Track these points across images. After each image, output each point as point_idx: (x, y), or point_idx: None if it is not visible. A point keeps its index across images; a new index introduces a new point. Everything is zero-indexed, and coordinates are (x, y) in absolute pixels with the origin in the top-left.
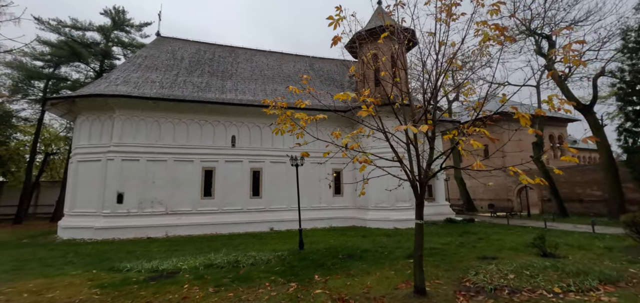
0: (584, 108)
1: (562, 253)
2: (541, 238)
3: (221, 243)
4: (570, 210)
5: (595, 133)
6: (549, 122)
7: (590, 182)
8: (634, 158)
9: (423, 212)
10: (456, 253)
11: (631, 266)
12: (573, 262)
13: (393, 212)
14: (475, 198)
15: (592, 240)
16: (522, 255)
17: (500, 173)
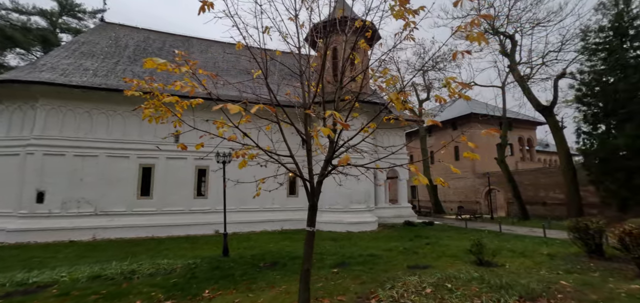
0: (545, 109)
1: (501, 261)
2: (478, 246)
3: (146, 248)
4: (533, 212)
5: (555, 135)
6: (519, 124)
7: (553, 184)
8: (591, 161)
9: (315, 217)
10: (390, 261)
11: (566, 276)
12: (505, 273)
13: (347, 215)
14: (445, 200)
15: (539, 246)
16: (458, 263)
17: (469, 174)
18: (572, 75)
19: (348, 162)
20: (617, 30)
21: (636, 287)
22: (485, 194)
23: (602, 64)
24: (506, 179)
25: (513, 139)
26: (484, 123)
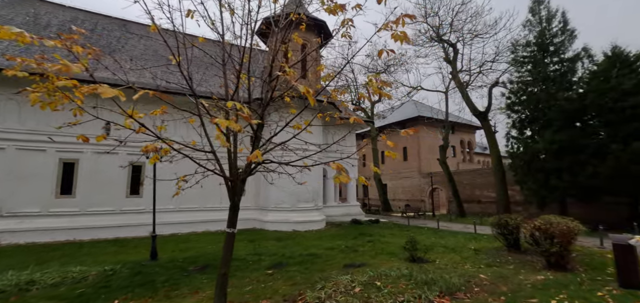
0: (480, 114)
1: (433, 257)
2: (412, 243)
3: (62, 254)
4: (470, 210)
5: (489, 138)
6: (461, 128)
7: (487, 184)
8: (516, 162)
9: (236, 218)
10: (329, 260)
11: (485, 270)
12: (433, 269)
13: (293, 213)
14: (394, 198)
15: (469, 241)
16: (393, 261)
17: (416, 174)
18: (503, 84)
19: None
20: (540, 46)
21: (541, 278)
22: (429, 193)
23: (528, 75)
24: (447, 179)
25: (456, 142)
26: (429, 126)
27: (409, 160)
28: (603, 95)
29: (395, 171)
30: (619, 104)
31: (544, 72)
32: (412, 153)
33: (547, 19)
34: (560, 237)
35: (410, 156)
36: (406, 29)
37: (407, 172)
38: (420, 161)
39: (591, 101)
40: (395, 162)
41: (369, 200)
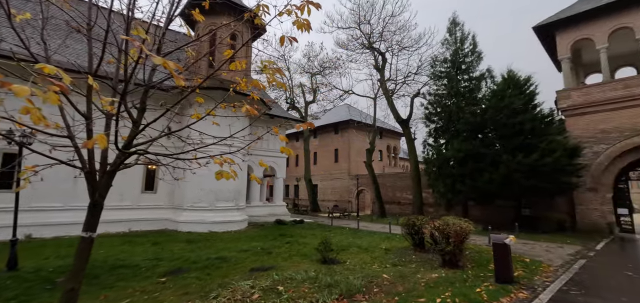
0: (403, 121)
1: (345, 257)
2: (325, 244)
3: None
4: (391, 211)
5: (409, 145)
6: (388, 133)
7: (406, 187)
8: (430, 168)
9: (97, 220)
10: (238, 264)
11: (389, 270)
12: (341, 270)
13: (211, 213)
14: (324, 199)
15: (382, 241)
16: (305, 262)
17: (344, 176)
18: (424, 95)
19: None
20: (454, 64)
21: (435, 276)
22: (356, 194)
23: (443, 89)
24: (371, 181)
25: (383, 146)
26: (359, 129)
27: (339, 162)
28: (499, 111)
29: (326, 172)
30: (510, 120)
31: (456, 87)
32: (343, 155)
33: (461, 39)
34: (454, 236)
35: (340, 158)
36: (341, 35)
37: (338, 173)
38: (350, 163)
39: (490, 116)
40: (327, 164)
41: (300, 201)
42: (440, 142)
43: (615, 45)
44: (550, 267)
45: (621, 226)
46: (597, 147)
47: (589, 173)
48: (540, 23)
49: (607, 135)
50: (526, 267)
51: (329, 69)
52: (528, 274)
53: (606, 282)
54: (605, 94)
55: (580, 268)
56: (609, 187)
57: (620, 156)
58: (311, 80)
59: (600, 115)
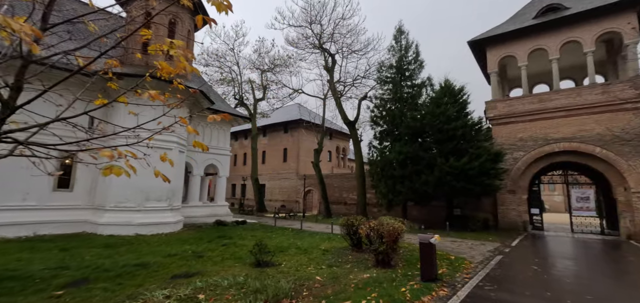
0: (350, 123)
1: (281, 259)
2: (259, 246)
3: None
4: (337, 211)
5: (355, 146)
6: (338, 135)
7: (352, 188)
8: (373, 169)
9: None
10: (159, 270)
11: (324, 271)
12: (274, 273)
13: (139, 214)
14: (271, 199)
15: (322, 241)
16: (237, 266)
17: (293, 175)
18: (370, 99)
19: None
20: (399, 70)
21: (366, 276)
22: (304, 194)
23: (389, 93)
24: (318, 181)
25: (333, 147)
26: (309, 129)
27: (288, 162)
28: (436, 117)
29: (274, 172)
30: (445, 125)
31: (400, 92)
32: (292, 154)
33: (405, 47)
34: (387, 236)
35: (289, 157)
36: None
37: (286, 173)
38: (298, 163)
39: (428, 122)
40: (275, 163)
41: (246, 200)
42: (385, 145)
43: (533, 64)
44: (471, 264)
45: (533, 224)
46: (516, 154)
47: (509, 177)
48: (474, 38)
49: (524, 143)
50: (451, 264)
51: (280, 67)
52: (451, 271)
53: (516, 276)
54: (524, 106)
55: (496, 264)
56: (524, 189)
57: (534, 162)
58: (261, 76)
59: (519, 125)
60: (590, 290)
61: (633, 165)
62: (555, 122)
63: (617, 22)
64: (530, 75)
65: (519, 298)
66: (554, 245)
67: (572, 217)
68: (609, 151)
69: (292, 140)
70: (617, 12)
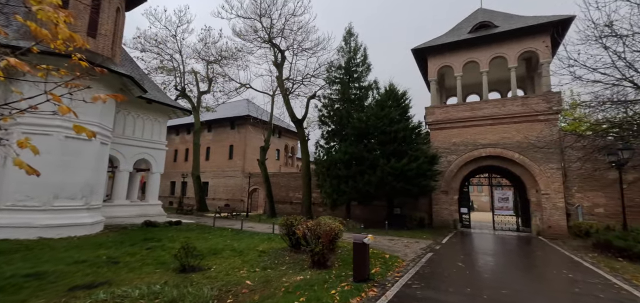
0: (297, 121)
1: (212, 263)
2: (185, 250)
3: None
4: (283, 210)
5: (302, 145)
6: (287, 133)
7: (299, 187)
8: (319, 168)
9: None
10: (59, 281)
11: (257, 275)
12: (200, 279)
13: (45, 215)
14: (215, 198)
15: (261, 242)
16: (158, 272)
17: (238, 174)
18: (319, 98)
19: None
20: (347, 71)
21: (300, 278)
22: (249, 193)
23: (337, 94)
24: (263, 180)
25: (282, 145)
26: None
27: (234, 159)
28: (379, 120)
29: (219, 169)
30: (388, 128)
31: (347, 93)
32: (238, 152)
33: (354, 49)
34: (324, 236)
35: (236, 155)
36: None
37: (231, 171)
38: (245, 160)
39: (372, 123)
40: (220, 160)
41: (187, 199)
42: (332, 145)
43: (468, 75)
44: (403, 262)
45: (462, 222)
46: (450, 157)
47: (444, 178)
48: (417, 46)
49: (457, 147)
50: (385, 262)
51: (227, 59)
52: (384, 270)
53: (442, 273)
54: (458, 113)
55: (426, 262)
56: (456, 190)
57: (465, 165)
58: (207, 68)
59: (453, 130)
60: (505, 284)
61: (543, 169)
62: (483, 129)
63: (534, 43)
64: (464, 85)
65: (442, 295)
66: (478, 241)
67: (494, 216)
68: (525, 157)
69: (239, 136)
70: (535, 34)
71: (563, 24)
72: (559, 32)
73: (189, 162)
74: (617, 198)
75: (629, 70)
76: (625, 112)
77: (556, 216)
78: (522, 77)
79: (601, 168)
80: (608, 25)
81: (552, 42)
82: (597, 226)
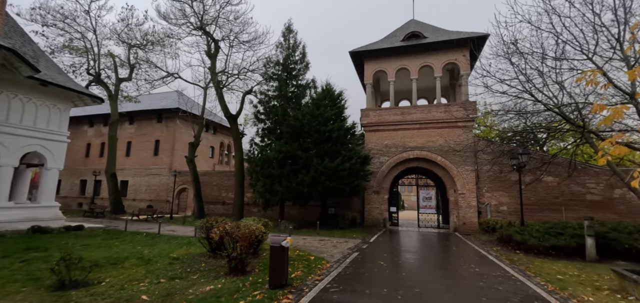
0: (231, 117)
1: (109, 274)
2: (65, 262)
3: None
4: (215, 211)
5: (235, 142)
6: (223, 130)
7: (232, 186)
8: (253, 167)
9: None
10: None
11: (159, 286)
12: (82, 296)
13: None
14: (136, 198)
15: (179, 247)
16: (24, 291)
17: (164, 172)
18: (255, 94)
19: None
20: (285, 68)
21: (209, 288)
22: (177, 193)
23: (274, 90)
24: (192, 178)
25: (217, 143)
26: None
27: (160, 155)
28: (315, 119)
29: (142, 166)
30: (322, 127)
31: (285, 91)
32: (166, 148)
33: (293, 46)
34: (243, 240)
35: (162, 151)
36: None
37: (157, 168)
38: (173, 158)
39: (307, 122)
40: (144, 157)
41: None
42: (267, 142)
43: (400, 82)
44: (328, 263)
45: (392, 221)
46: (382, 158)
47: (376, 178)
48: (354, 49)
49: (389, 149)
50: (309, 265)
51: (154, 45)
52: (306, 274)
53: (363, 274)
54: (390, 117)
55: (350, 262)
56: (387, 190)
57: (395, 166)
58: (129, 53)
59: (386, 133)
60: (420, 282)
61: (460, 171)
62: (412, 132)
63: (456, 56)
64: (397, 91)
65: (359, 298)
66: (402, 239)
67: (420, 214)
68: (446, 160)
69: (167, 131)
70: (457, 48)
71: (480, 40)
72: (477, 47)
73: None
74: (517, 197)
75: (528, 84)
76: (525, 122)
77: (470, 214)
78: (446, 87)
79: (505, 171)
80: (513, 43)
81: (471, 55)
82: (502, 222)
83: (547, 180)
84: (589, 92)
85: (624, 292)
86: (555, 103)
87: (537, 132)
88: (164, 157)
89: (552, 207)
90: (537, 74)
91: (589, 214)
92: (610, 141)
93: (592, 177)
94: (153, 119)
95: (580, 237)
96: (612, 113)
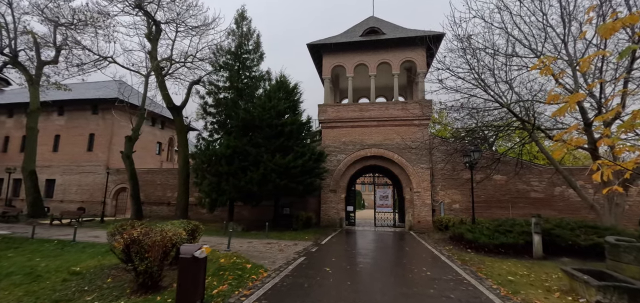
0: (175, 108)
1: None
2: None
3: None
4: (158, 213)
5: (180, 136)
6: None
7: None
8: (198, 164)
9: None
10: None
11: None
12: None
13: None
14: (65, 199)
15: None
16: None
17: (100, 169)
18: (204, 84)
19: None
20: (237, 57)
21: None
22: (115, 193)
23: (224, 81)
24: (128, 177)
25: (165, 138)
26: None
27: (95, 151)
28: (266, 112)
29: (73, 163)
30: (275, 121)
31: (236, 82)
32: (102, 142)
33: (246, 35)
34: (153, 250)
35: (98, 146)
36: None
37: (91, 165)
38: (110, 153)
39: (258, 115)
40: (75, 153)
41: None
42: (216, 137)
43: (359, 79)
44: (266, 272)
45: (349, 220)
46: (340, 156)
47: (333, 177)
48: (312, 43)
49: (346, 146)
50: (240, 275)
51: (85, 24)
52: (234, 287)
53: (302, 284)
54: (348, 113)
55: (293, 270)
56: (344, 188)
57: (353, 164)
58: (54, 31)
59: (344, 130)
60: (366, 293)
61: (416, 170)
62: (369, 130)
63: (413, 54)
64: (356, 88)
65: None
66: (357, 239)
67: (376, 213)
68: (402, 158)
69: (104, 124)
70: (414, 46)
71: (436, 38)
72: (433, 44)
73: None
74: (469, 195)
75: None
76: (477, 122)
77: (424, 212)
78: (404, 86)
79: (458, 169)
80: (467, 38)
81: (429, 55)
82: (454, 220)
83: (496, 178)
84: (535, 90)
85: (574, 293)
86: (505, 101)
87: (487, 130)
88: (99, 153)
89: (500, 204)
90: (488, 73)
91: (533, 211)
92: (567, 131)
93: (536, 176)
94: (87, 110)
95: (527, 234)
96: (568, 101)
